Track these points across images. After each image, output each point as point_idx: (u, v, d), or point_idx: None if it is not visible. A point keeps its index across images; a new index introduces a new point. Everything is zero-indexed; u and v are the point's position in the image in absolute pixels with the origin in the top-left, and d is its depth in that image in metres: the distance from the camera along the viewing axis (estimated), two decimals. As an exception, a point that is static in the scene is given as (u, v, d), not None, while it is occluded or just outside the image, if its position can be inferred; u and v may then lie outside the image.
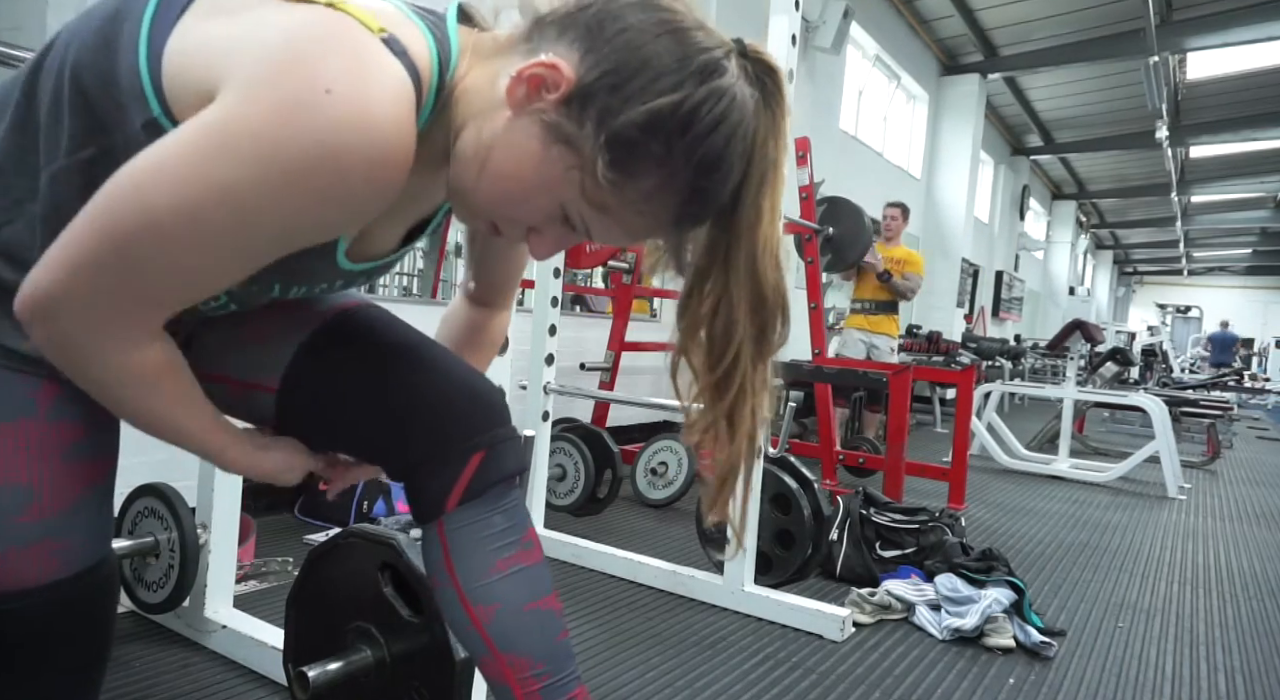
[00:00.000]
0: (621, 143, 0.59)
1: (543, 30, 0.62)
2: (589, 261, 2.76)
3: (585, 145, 0.59)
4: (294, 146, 0.53)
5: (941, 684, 1.89)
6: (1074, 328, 5.24)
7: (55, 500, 0.71)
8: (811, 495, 2.38)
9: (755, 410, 0.70)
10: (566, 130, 0.59)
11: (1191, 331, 20.49)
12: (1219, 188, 14.57)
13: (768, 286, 0.66)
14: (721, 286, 0.66)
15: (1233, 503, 4.55)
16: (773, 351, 0.69)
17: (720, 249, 0.66)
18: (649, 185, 0.61)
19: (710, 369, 0.68)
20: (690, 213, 0.64)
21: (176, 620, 1.78)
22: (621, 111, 0.58)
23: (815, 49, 6.20)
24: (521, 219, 0.66)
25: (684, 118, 0.59)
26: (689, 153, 0.60)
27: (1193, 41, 7.93)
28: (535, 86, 0.59)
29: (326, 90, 0.53)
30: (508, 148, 0.61)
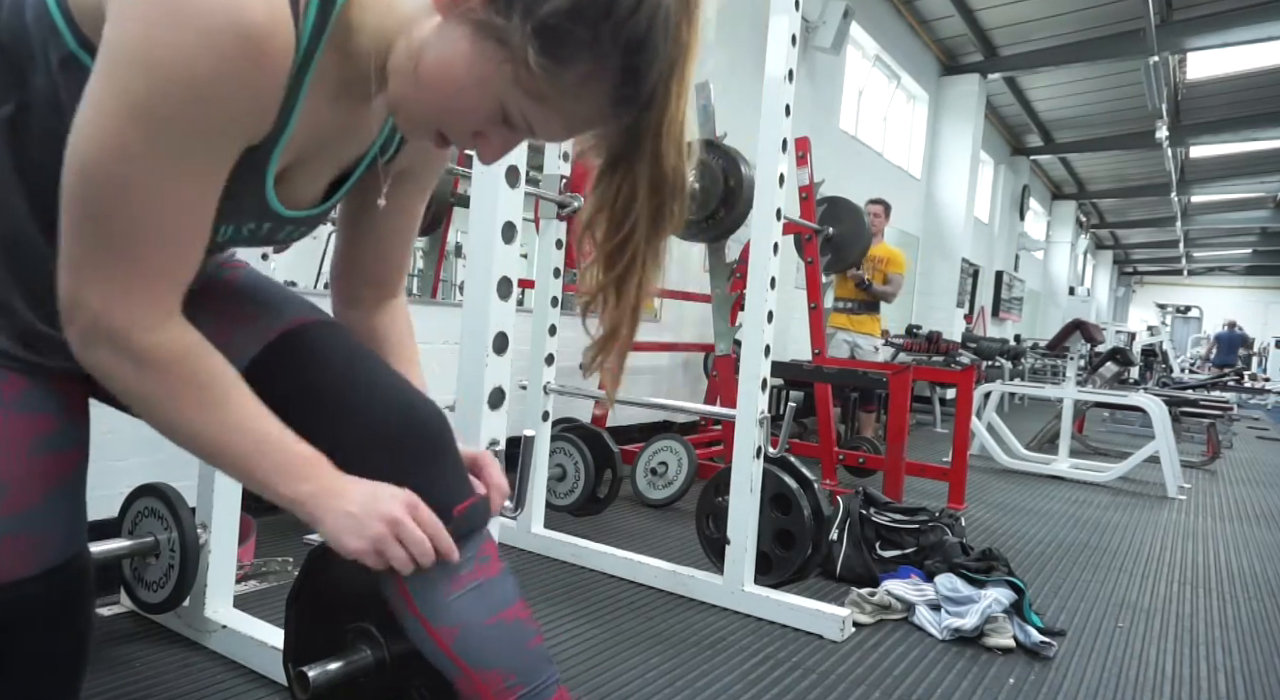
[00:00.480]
0: (548, 30, 0.60)
1: None
2: (589, 261, 2.76)
3: (514, 37, 0.60)
4: (173, 43, 0.55)
5: (941, 684, 1.89)
6: (1074, 328, 5.24)
7: (23, 495, 0.70)
8: (811, 495, 2.38)
9: (642, 283, 0.73)
10: (495, 24, 0.60)
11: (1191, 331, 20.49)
12: (1219, 188, 14.57)
13: (667, 167, 0.67)
14: (628, 166, 0.68)
15: (1233, 503, 4.55)
16: (666, 232, 0.71)
17: (631, 130, 0.67)
18: (581, 70, 0.62)
19: (608, 238, 0.70)
20: (625, 94, 0.64)
21: (176, 620, 1.78)
22: (545, 1, 0.59)
23: (815, 49, 6.20)
24: (464, 123, 0.66)
25: (605, 2, 0.59)
26: (615, 35, 0.60)
27: (1193, 41, 7.93)
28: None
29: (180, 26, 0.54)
30: (439, 50, 0.62)
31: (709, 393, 4.56)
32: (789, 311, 5.71)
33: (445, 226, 3.33)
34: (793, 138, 2.33)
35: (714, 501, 2.48)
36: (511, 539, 2.59)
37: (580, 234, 0.72)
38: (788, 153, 2.25)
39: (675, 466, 3.46)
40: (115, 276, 0.61)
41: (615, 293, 0.73)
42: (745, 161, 2.87)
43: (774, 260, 2.24)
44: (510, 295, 1.45)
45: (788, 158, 2.26)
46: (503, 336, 1.47)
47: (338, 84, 0.67)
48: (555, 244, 2.65)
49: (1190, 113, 10.54)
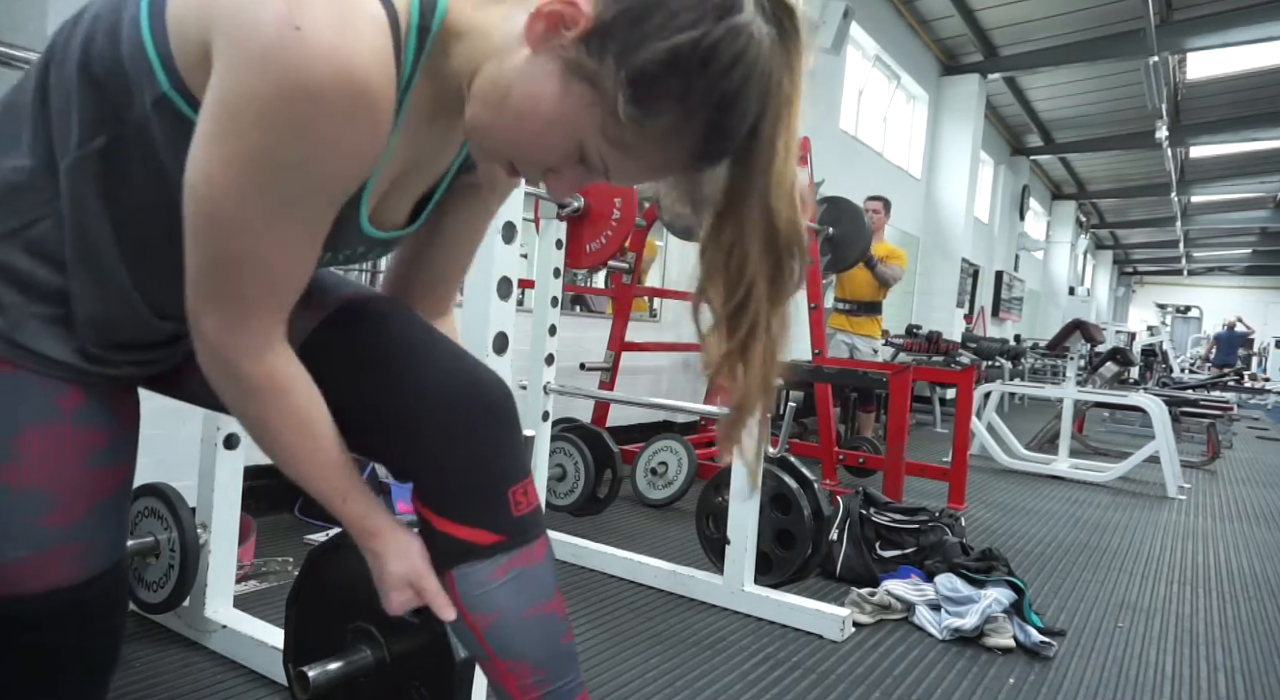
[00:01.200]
0: (642, 79, 0.59)
1: None
2: (589, 261, 2.76)
3: (605, 81, 0.60)
4: (287, 102, 0.56)
5: (941, 684, 1.89)
6: (1074, 328, 5.24)
7: (76, 506, 0.72)
8: (811, 495, 2.38)
9: (770, 351, 0.69)
10: (586, 67, 0.60)
11: (1191, 331, 20.50)
12: (1219, 188, 14.57)
13: (781, 222, 0.66)
14: (737, 224, 0.66)
15: (1233, 503, 4.55)
16: (789, 291, 0.69)
17: (737, 187, 0.66)
18: (668, 121, 0.61)
19: (725, 302, 0.68)
20: (709, 150, 0.64)
21: (177, 620, 1.78)
22: (641, 47, 0.58)
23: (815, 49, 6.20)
24: (540, 158, 0.66)
25: (703, 54, 0.59)
26: (708, 89, 0.60)
27: (1193, 41, 7.93)
28: (554, 23, 0.60)
29: (296, 28, 0.54)
30: (527, 85, 0.62)
31: (709, 393, 4.56)
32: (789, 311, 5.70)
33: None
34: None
35: (714, 501, 2.49)
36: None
37: (694, 301, 0.70)
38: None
39: (675, 466, 3.46)
40: (228, 307, 0.65)
41: (741, 362, 0.69)
42: (745, 161, 2.86)
43: (774, 260, 2.23)
44: (510, 295, 1.45)
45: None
46: (503, 336, 1.47)
47: (432, 108, 0.68)
48: (555, 244, 2.65)
49: (1190, 113, 10.54)
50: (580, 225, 2.68)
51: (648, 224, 3.65)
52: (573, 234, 2.69)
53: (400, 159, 0.70)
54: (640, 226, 3.56)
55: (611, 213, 2.64)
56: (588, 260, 2.75)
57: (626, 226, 2.64)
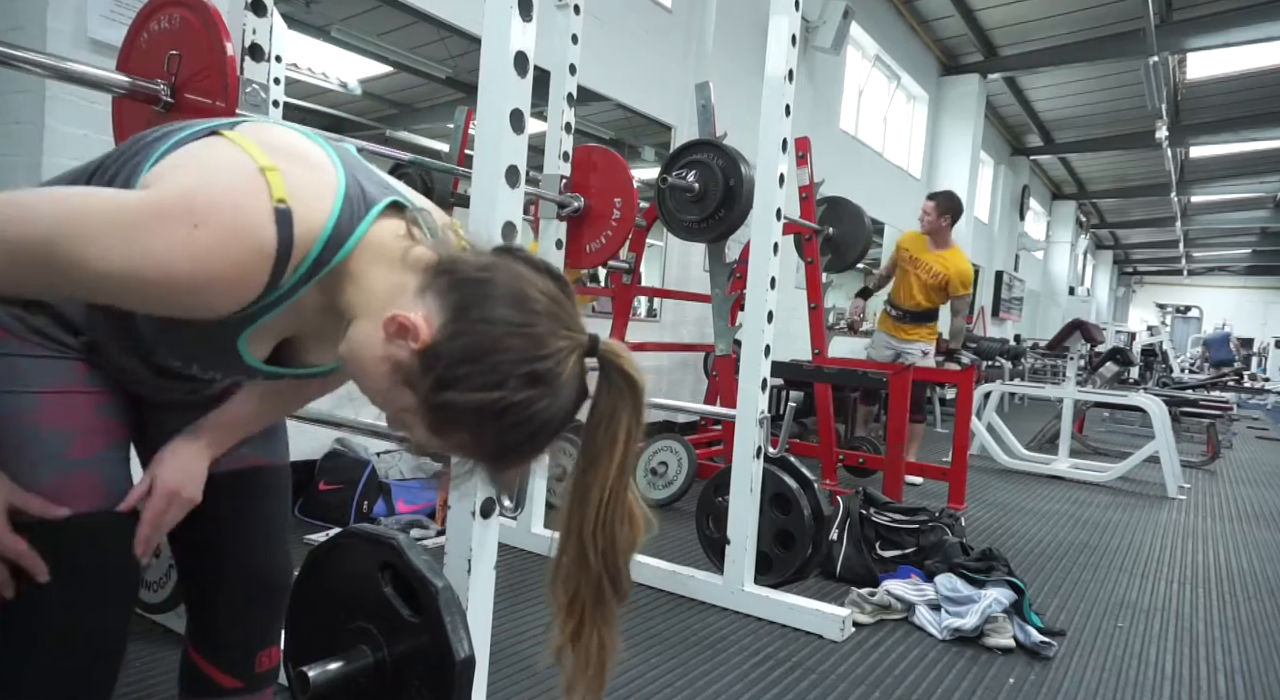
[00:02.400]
0: (441, 411, 0.72)
1: (435, 281, 0.74)
2: (589, 262, 2.76)
3: (419, 393, 0.72)
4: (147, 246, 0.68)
5: (941, 684, 1.89)
6: (1074, 328, 5.24)
7: (91, 443, 0.88)
8: (811, 495, 2.38)
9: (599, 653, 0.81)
10: (411, 375, 0.72)
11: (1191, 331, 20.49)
12: (1219, 188, 14.56)
13: (593, 558, 0.78)
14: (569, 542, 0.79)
15: (1232, 503, 4.55)
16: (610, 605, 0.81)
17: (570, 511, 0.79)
18: (458, 441, 0.74)
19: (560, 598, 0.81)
20: (498, 467, 0.78)
21: (177, 620, 1.78)
22: (450, 388, 0.70)
23: (815, 49, 6.20)
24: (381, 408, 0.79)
25: (495, 413, 0.70)
26: (494, 438, 0.73)
27: (1193, 41, 7.92)
28: (402, 332, 0.72)
29: (195, 225, 0.68)
30: (371, 362, 0.75)
31: (709, 393, 4.56)
32: (789, 311, 5.71)
33: (445, 226, 3.33)
34: (793, 138, 2.33)
35: (714, 501, 2.48)
36: (511, 539, 2.59)
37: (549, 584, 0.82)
38: (788, 153, 2.25)
39: (675, 466, 3.46)
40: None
41: (572, 650, 0.81)
42: (745, 161, 2.87)
43: (774, 260, 2.24)
44: (510, 295, 1.46)
45: (788, 158, 2.26)
46: (503, 336, 1.47)
47: (322, 308, 0.80)
48: (555, 244, 2.65)
49: (1190, 113, 10.53)
50: (580, 225, 2.68)
51: (648, 224, 3.65)
52: (573, 234, 2.69)
53: (284, 329, 0.84)
54: (640, 226, 3.55)
55: (611, 213, 2.64)
56: (588, 260, 2.74)
57: (626, 226, 2.63)
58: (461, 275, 0.73)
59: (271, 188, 0.72)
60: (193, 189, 0.71)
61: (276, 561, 1.06)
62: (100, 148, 0.93)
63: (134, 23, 1.54)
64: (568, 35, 2.52)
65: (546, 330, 0.72)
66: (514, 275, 0.74)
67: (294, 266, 0.74)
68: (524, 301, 0.72)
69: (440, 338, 0.71)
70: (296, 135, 0.82)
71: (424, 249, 0.77)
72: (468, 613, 1.22)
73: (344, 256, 0.77)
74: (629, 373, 0.76)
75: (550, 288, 0.74)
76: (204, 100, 1.43)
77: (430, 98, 3.92)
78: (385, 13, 3.38)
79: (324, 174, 0.77)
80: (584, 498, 0.77)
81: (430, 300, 0.73)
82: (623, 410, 0.76)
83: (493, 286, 0.72)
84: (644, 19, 4.67)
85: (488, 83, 1.37)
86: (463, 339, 0.71)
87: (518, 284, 0.73)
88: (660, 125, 4.95)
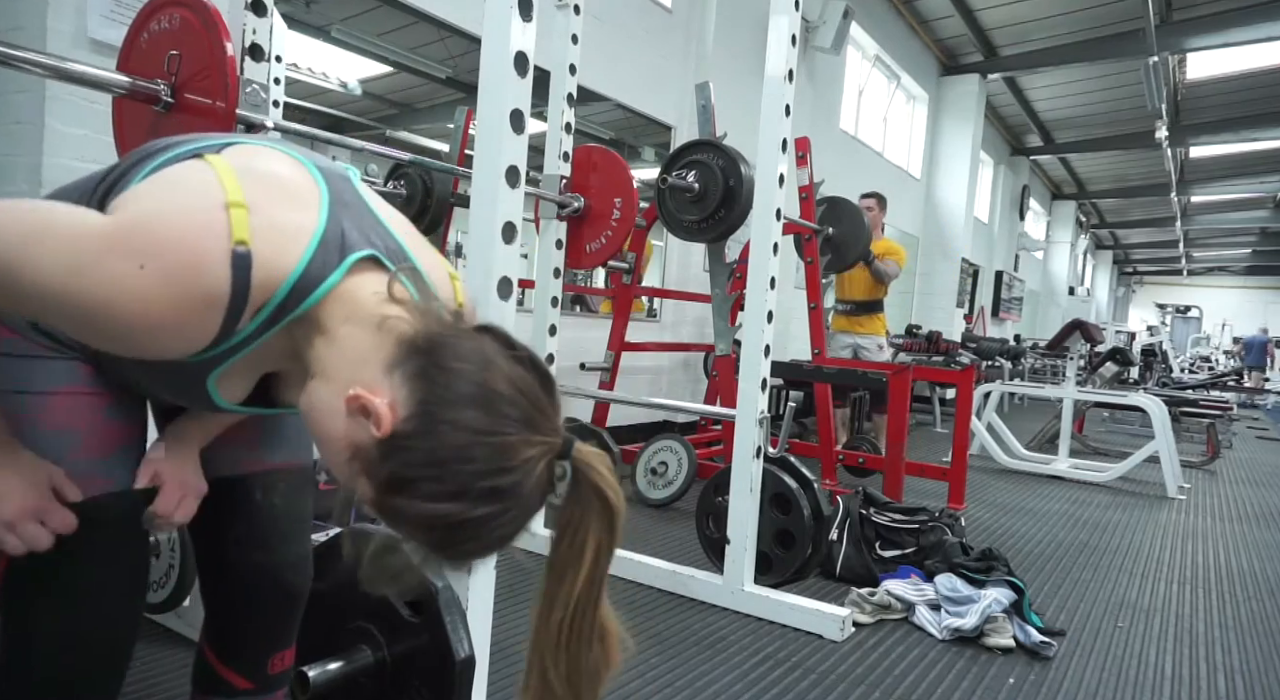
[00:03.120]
0: (393, 511, 0.67)
1: (406, 362, 0.68)
2: (589, 262, 2.76)
3: (373, 481, 0.67)
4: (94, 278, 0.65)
5: (941, 684, 1.89)
6: (1074, 328, 5.23)
7: (98, 446, 0.88)
8: (811, 495, 2.38)
9: None
10: (368, 463, 0.67)
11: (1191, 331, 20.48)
12: (1219, 188, 14.56)
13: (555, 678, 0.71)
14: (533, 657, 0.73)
15: (1232, 503, 4.55)
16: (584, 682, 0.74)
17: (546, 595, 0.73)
18: (408, 534, 0.69)
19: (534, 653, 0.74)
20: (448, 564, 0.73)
21: (177, 620, 1.78)
22: (404, 492, 0.65)
23: (815, 49, 6.20)
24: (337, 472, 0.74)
25: (449, 525, 0.66)
26: (444, 543, 0.68)
27: (1193, 41, 7.92)
28: (365, 413, 0.67)
29: (141, 265, 0.65)
30: (329, 432, 0.71)
31: (709, 393, 4.56)
32: (789, 311, 5.71)
33: (445, 227, 3.33)
34: (793, 138, 2.33)
35: (714, 501, 2.48)
36: (511, 539, 2.59)
37: None
38: (788, 153, 2.25)
39: (675, 466, 3.46)
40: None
41: None
42: (745, 161, 2.86)
43: (774, 260, 2.24)
44: (510, 295, 1.45)
45: (788, 158, 2.26)
46: (503, 336, 1.47)
47: (287, 352, 0.76)
48: (555, 244, 2.65)
49: (1190, 113, 10.53)
50: (580, 225, 2.68)
51: (648, 224, 3.65)
52: (573, 234, 2.69)
53: (260, 368, 0.81)
54: (640, 226, 3.55)
55: (611, 213, 2.64)
56: (588, 260, 2.74)
57: (626, 226, 2.64)
58: (435, 362, 0.67)
59: (233, 227, 0.68)
60: (147, 223, 0.67)
61: (296, 565, 1.05)
62: (100, 148, 0.93)
63: (134, 23, 1.54)
64: (568, 35, 2.52)
65: (517, 438, 0.66)
66: (490, 367, 0.68)
67: (252, 312, 0.71)
68: (495, 403, 0.66)
69: (402, 431, 0.66)
70: (289, 162, 0.78)
71: (402, 316, 0.71)
72: (468, 613, 1.22)
73: (311, 306, 0.73)
74: (602, 489, 0.70)
75: (528, 382, 0.69)
76: (204, 100, 1.43)
77: (430, 98, 3.93)
78: (385, 13, 3.38)
79: (303, 213, 0.73)
80: (547, 613, 0.71)
81: (398, 383, 0.67)
82: (591, 523, 0.70)
83: (465, 382, 0.66)
84: (644, 19, 4.67)
85: (488, 83, 1.37)
86: (426, 439, 0.65)
87: (493, 381, 0.67)
88: (660, 125, 4.95)
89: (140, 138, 1.54)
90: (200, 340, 0.70)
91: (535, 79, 1.39)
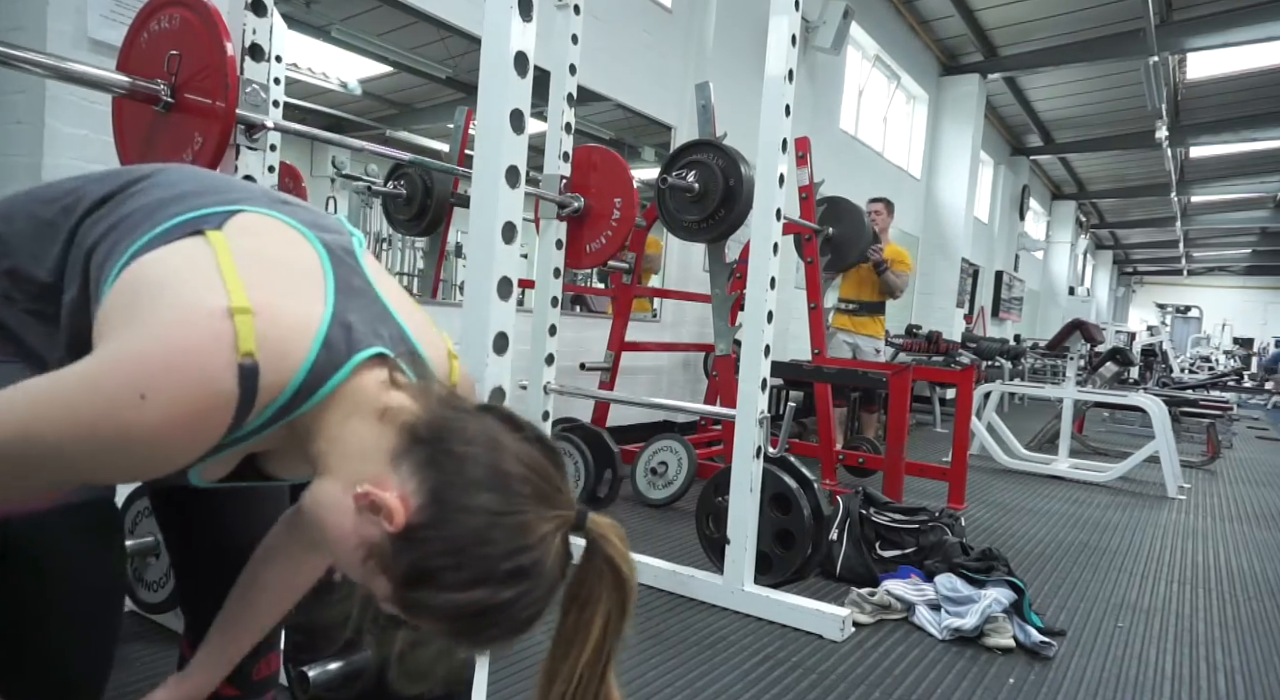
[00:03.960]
0: (416, 606, 0.66)
1: (413, 450, 0.67)
2: (589, 262, 2.76)
3: (392, 580, 0.66)
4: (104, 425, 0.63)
5: (941, 684, 1.89)
6: (1074, 328, 5.23)
7: None
8: (811, 495, 2.38)
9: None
10: (383, 560, 0.66)
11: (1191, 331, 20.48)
12: (1219, 188, 14.56)
13: None
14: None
15: (1232, 503, 4.55)
16: None
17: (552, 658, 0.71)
18: (431, 627, 0.68)
19: None
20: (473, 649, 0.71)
21: (177, 620, 1.78)
22: (426, 585, 0.64)
23: (815, 49, 6.20)
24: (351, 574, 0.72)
25: (475, 612, 0.65)
26: (470, 631, 0.67)
27: (1193, 41, 7.92)
28: (375, 509, 0.65)
29: (141, 395, 0.62)
30: (339, 532, 0.68)
31: (709, 393, 4.56)
32: (789, 311, 5.71)
33: (445, 227, 3.33)
34: (793, 138, 2.33)
35: (714, 501, 2.48)
36: (511, 539, 2.59)
37: None
38: (788, 153, 2.25)
39: (675, 466, 3.46)
40: None
41: None
42: (745, 161, 2.87)
43: (774, 260, 2.24)
44: (510, 295, 1.45)
45: (788, 158, 2.26)
46: (503, 337, 1.47)
47: (286, 444, 0.74)
48: (555, 244, 2.65)
49: (1190, 113, 10.53)
50: (580, 225, 2.68)
51: (648, 224, 3.65)
52: (573, 234, 2.69)
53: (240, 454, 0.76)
54: (640, 226, 3.56)
55: (611, 213, 2.64)
56: (588, 260, 2.74)
57: (626, 226, 2.64)
58: (442, 448, 0.67)
59: (239, 339, 0.65)
60: (148, 351, 0.64)
61: None
62: (100, 148, 0.92)
63: (134, 23, 1.54)
64: (568, 35, 2.52)
65: (533, 516, 0.66)
66: (498, 447, 0.67)
67: (255, 414, 0.68)
68: (507, 483, 0.66)
69: (417, 522, 0.64)
70: (294, 241, 0.76)
71: (405, 403, 0.70)
72: (468, 613, 1.22)
73: (314, 406, 0.71)
74: (616, 562, 0.70)
75: (536, 459, 0.68)
76: (204, 100, 1.43)
77: (430, 98, 3.93)
78: (385, 13, 3.38)
79: (309, 305, 0.71)
80: (547, 687, 0.69)
81: (406, 474, 0.66)
82: (602, 595, 0.69)
83: (475, 465, 0.66)
84: (644, 19, 4.67)
85: (488, 83, 1.37)
86: (442, 528, 0.64)
87: (502, 462, 0.66)
88: (660, 125, 4.95)
89: (140, 138, 1.54)
90: (206, 448, 0.68)
91: (535, 79, 1.39)
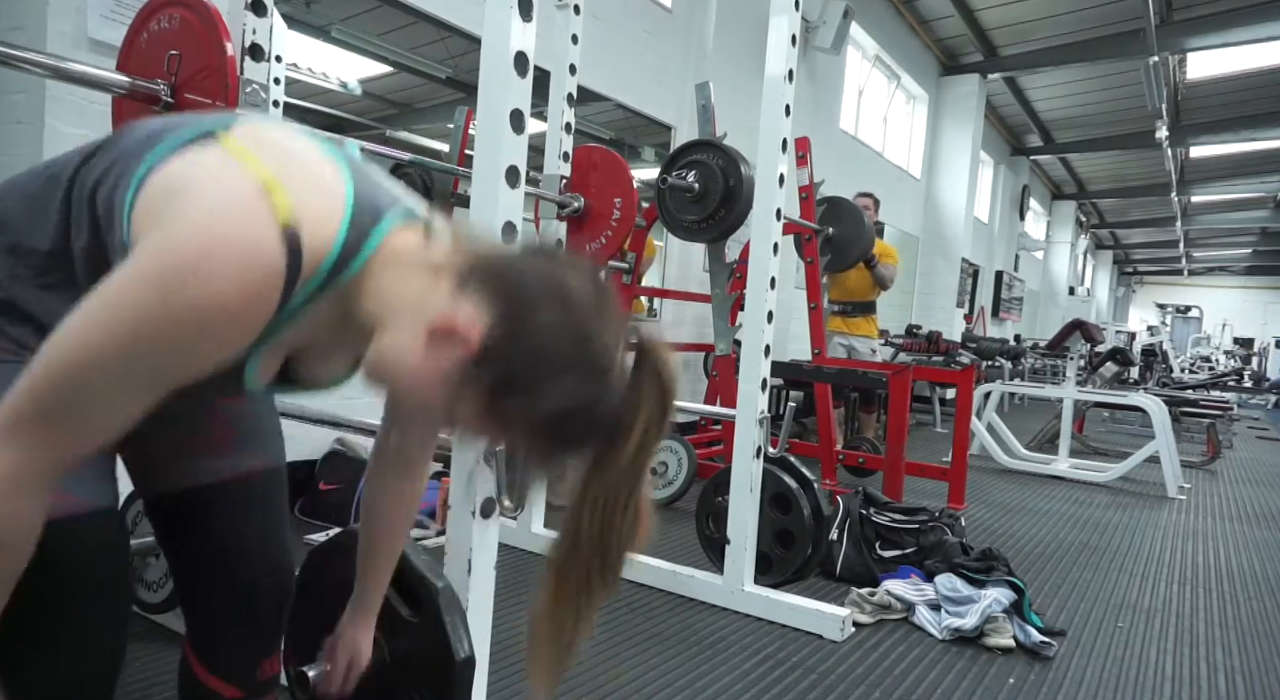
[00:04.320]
0: (501, 417, 0.70)
1: (471, 280, 0.70)
2: (589, 261, 2.76)
3: (475, 401, 0.70)
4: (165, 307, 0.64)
5: (941, 684, 1.89)
6: (1074, 328, 5.23)
7: None
8: (811, 495, 2.38)
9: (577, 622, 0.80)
10: (465, 381, 0.69)
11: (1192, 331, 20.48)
12: (1219, 188, 14.56)
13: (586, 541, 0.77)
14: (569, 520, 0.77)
15: (1233, 503, 4.55)
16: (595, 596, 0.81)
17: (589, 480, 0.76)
18: (515, 441, 0.75)
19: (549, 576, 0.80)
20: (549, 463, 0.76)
21: (177, 620, 1.78)
22: (509, 395, 0.69)
23: (815, 49, 6.20)
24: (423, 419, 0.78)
25: (559, 415, 0.69)
26: (553, 437, 0.71)
27: (1193, 41, 7.93)
28: (449, 337, 0.69)
29: (194, 273, 0.63)
30: (412, 372, 0.71)
31: (709, 393, 4.56)
32: (789, 311, 5.70)
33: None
34: (793, 138, 2.33)
35: (714, 501, 2.48)
36: (512, 539, 2.59)
37: None
38: (788, 153, 2.25)
39: (675, 466, 3.46)
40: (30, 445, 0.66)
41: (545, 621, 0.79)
42: (745, 161, 2.87)
43: (774, 260, 2.24)
44: (510, 295, 1.46)
45: (788, 158, 2.26)
46: (503, 336, 1.48)
47: (335, 321, 0.76)
48: (555, 244, 2.64)
49: (1190, 113, 10.53)
50: (580, 225, 2.68)
51: (648, 224, 3.65)
52: (573, 234, 2.69)
53: (295, 343, 0.79)
54: (640, 226, 3.55)
55: (611, 213, 2.64)
56: (588, 260, 2.75)
57: (626, 226, 2.64)
58: (500, 273, 0.71)
59: (277, 209, 0.67)
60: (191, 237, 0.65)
61: (278, 569, 1.04)
62: (100, 148, 0.91)
63: (134, 23, 1.54)
64: (568, 35, 2.52)
65: (596, 326, 0.69)
66: (553, 270, 0.71)
67: (303, 284, 0.70)
68: (568, 297, 0.69)
69: (491, 341, 0.68)
70: (299, 138, 0.78)
71: (448, 251, 0.74)
72: (468, 613, 1.23)
73: (357, 270, 0.74)
74: (661, 373, 0.74)
75: (589, 277, 0.72)
76: (204, 100, 1.43)
77: (430, 98, 3.92)
78: (385, 13, 3.38)
79: (331, 184, 0.73)
80: (590, 480, 0.75)
81: (470, 301, 0.69)
82: (646, 402, 0.73)
83: (534, 283, 0.70)
84: (644, 19, 4.67)
85: (488, 83, 1.37)
86: (518, 340, 0.68)
87: (557, 279, 0.70)
88: (660, 125, 4.95)
89: (140, 138, 1.54)
90: (261, 323, 0.69)
91: (535, 79, 1.39)
